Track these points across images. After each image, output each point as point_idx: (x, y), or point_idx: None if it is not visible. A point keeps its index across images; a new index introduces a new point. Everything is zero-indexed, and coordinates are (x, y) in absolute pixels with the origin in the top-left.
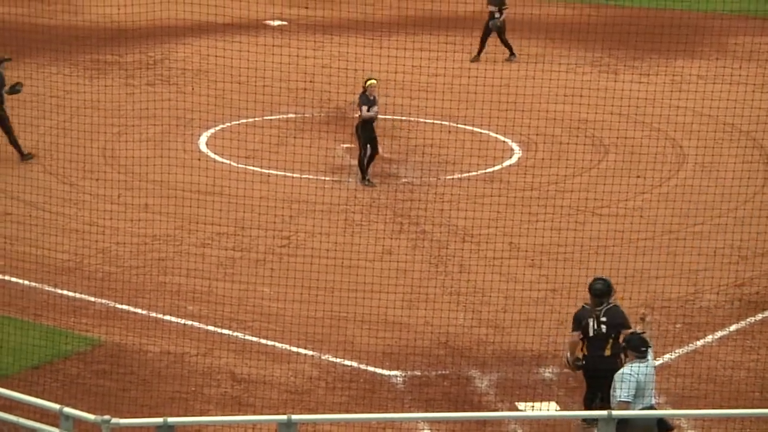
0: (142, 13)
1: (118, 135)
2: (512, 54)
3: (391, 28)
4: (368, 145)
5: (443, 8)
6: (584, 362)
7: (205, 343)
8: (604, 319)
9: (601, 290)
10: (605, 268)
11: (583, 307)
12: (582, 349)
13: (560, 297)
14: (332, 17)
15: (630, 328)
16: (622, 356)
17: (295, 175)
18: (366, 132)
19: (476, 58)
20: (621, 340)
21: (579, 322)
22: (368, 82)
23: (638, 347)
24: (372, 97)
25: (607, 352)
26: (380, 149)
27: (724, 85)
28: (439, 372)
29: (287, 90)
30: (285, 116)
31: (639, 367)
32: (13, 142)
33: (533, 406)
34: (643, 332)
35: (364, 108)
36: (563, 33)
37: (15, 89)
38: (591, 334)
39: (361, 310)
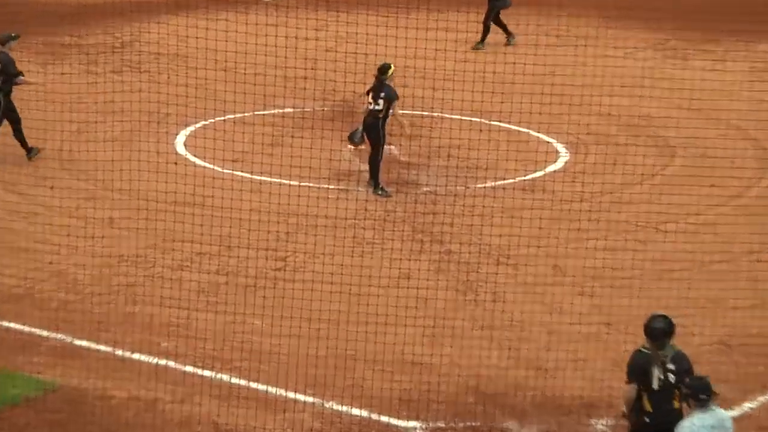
0: None
1: (78, 133)
2: (482, 42)
3: (409, 3)
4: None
5: None
6: (649, 419)
7: (182, 387)
8: (671, 366)
9: (663, 330)
10: (671, 297)
11: (639, 351)
12: (643, 406)
13: (616, 332)
14: None
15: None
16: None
17: (292, 183)
18: (384, 131)
19: (510, 41)
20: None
21: (638, 371)
22: (392, 69)
23: (697, 394)
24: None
25: (677, 404)
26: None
27: None
28: (468, 423)
29: (283, 79)
30: (281, 111)
31: (701, 418)
32: None
33: None
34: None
35: (397, 105)
36: (620, 10)
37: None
38: (656, 386)
39: (372, 347)
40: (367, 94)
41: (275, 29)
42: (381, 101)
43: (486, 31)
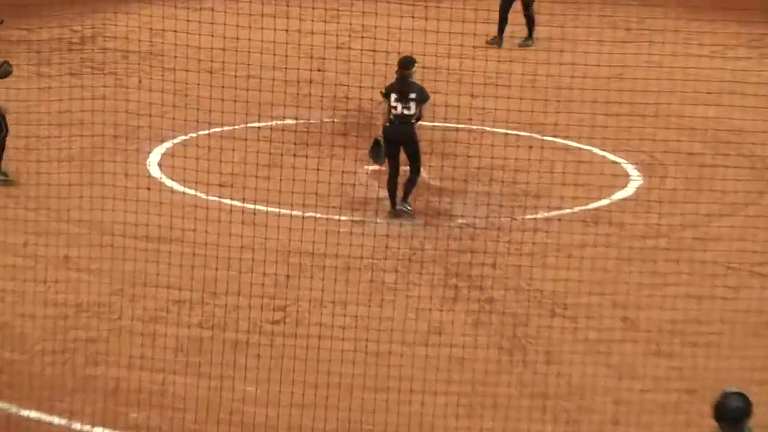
0: None
1: (26, 151)
2: (530, 36)
3: None
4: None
5: None
6: None
7: None
8: None
9: (742, 411)
10: None
11: None
12: None
13: (700, 401)
14: None
15: None
16: None
17: (294, 213)
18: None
19: (497, 40)
20: None
21: None
22: (417, 63)
23: None
24: None
25: None
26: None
27: None
28: None
29: (283, 83)
30: (280, 123)
31: None
32: None
33: None
34: None
35: (427, 107)
36: None
37: (5, 69)
38: None
39: (394, 419)
40: (386, 96)
41: (273, 21)
42: (413, 103)
43: (531, 22)
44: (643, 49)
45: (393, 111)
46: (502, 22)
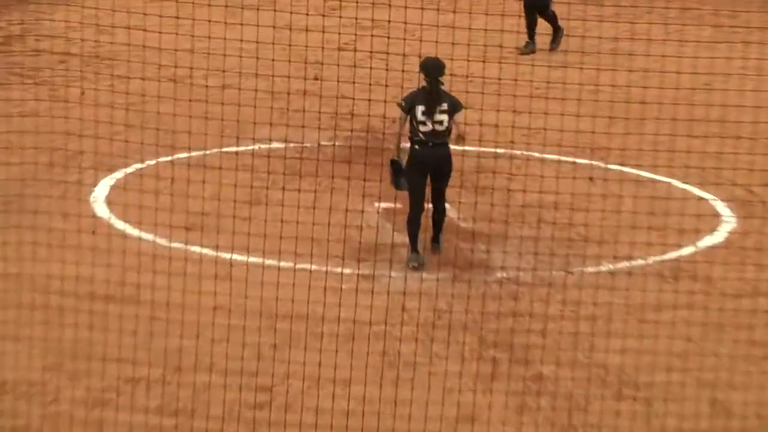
0: None
1: None
2: (558, 33)
3: None
4: None
5: None
6: None
7: None
8: None
9: None
10: None
11: None
12: None
13: None
14: None
15: None
16: None
17: (283, 264)
18: None
19: (530, 47)
20: None
21: None
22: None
23: None
24: None
25: None
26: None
27: None
28: None
29: (269, 95)
30: (264, 147)
31: None
32: None
33: None
34: None
35: (460, 118)
36: None
37: None
38: None
39: None
40: (408, 109)
41: (256, 14)
42: (445, 116)
43: (554, 22)
44: (735, 51)
45: (422, 128)
46: (531, 24)
